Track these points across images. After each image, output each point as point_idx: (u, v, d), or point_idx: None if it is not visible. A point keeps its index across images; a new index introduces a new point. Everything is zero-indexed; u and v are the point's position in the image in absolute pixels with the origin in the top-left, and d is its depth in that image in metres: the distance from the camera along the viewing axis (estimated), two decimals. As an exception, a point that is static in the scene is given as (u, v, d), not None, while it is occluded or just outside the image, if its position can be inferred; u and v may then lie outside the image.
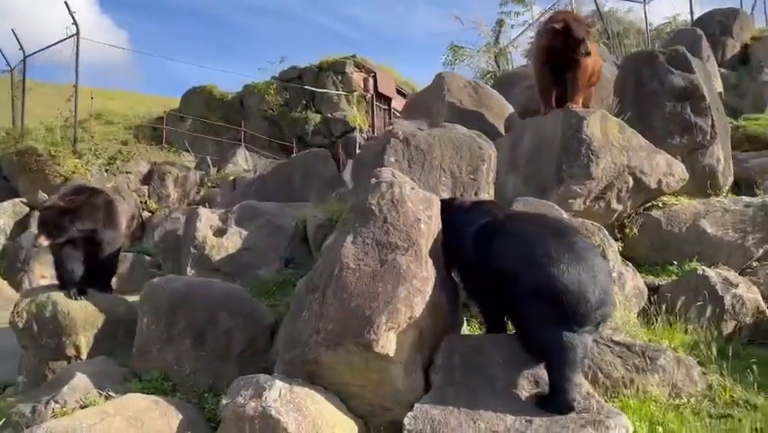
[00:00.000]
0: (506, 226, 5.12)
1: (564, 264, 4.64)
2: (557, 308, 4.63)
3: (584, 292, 4.63)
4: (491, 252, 5.04)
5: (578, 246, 4.79)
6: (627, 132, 7.90)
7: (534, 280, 4.70)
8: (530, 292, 4.71)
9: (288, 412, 4.77)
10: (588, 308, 4.66)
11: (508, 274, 4.86)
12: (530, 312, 4.77)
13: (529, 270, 4.74)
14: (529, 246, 4.84)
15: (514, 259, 4.87)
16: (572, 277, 4.63)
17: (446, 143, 6.86)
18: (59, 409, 5.15)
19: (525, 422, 4.78)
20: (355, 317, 4.95)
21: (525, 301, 4.76)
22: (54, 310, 6.66)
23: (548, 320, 4.68)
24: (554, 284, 4.62)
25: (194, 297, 5.87)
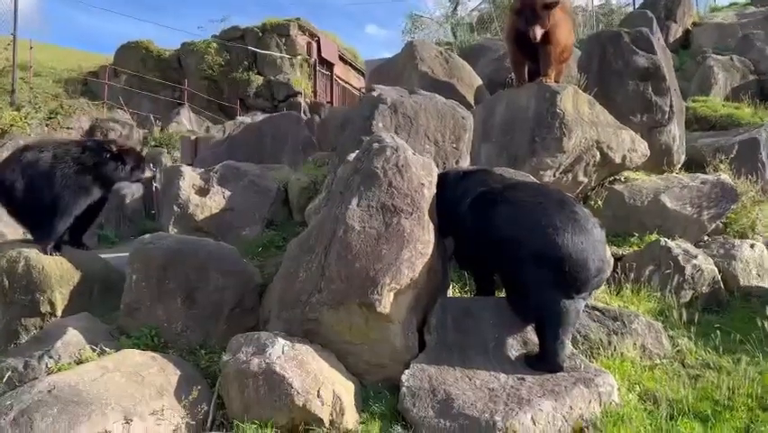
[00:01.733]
0: (507, 195, 5.32)
1: (568, 234, 4.92)
2: (559, 275, 4.92)
3: (585, 261, 4.95)
4: (492, 219, 5.24)
5: (579, 216, 5.06)
6: (596, 108, 8.23)
7: (538, 248, 4.96)
8: (533, 259, 4.96)
9: (291, 369, 4.87)
10: (587, 276, 4.97)
11: (510, 241, 5.09)
12: (531, 278, 5.02)
13: (533, 238, 4.99)
14: (534, 215, 5.09)
15: (517, 227, 5.11)
16: (575, 246, 4.92)
17: (431, 112, 6.98)
18: (53, 365, 5.07)
19: (518, 380, 5.05)
20: (359, 277, 5.08)
21: (526, 268, 5.01)
22: (27, 266, 6.45)
23: (548, 286, 4.96)
24: (558, 252, 4.90)
25: (186, 255, 5.82)
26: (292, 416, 4.79)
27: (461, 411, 4.74)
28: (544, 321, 5.06)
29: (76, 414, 4.43)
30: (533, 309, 5.10)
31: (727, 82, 12.40)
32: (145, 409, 4.70)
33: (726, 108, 11.17)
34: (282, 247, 6.85)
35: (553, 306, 4.97)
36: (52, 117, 15.55)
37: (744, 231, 8.25)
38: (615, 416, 4.80)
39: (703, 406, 5.08)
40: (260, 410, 4.82)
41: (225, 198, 6.95)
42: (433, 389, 4.97)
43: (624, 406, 4.95)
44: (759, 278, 7.70)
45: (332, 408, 4.86)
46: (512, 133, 8.06)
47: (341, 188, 5.56)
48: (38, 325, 6.43)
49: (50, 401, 4.45)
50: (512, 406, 4.73)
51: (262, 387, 4.82)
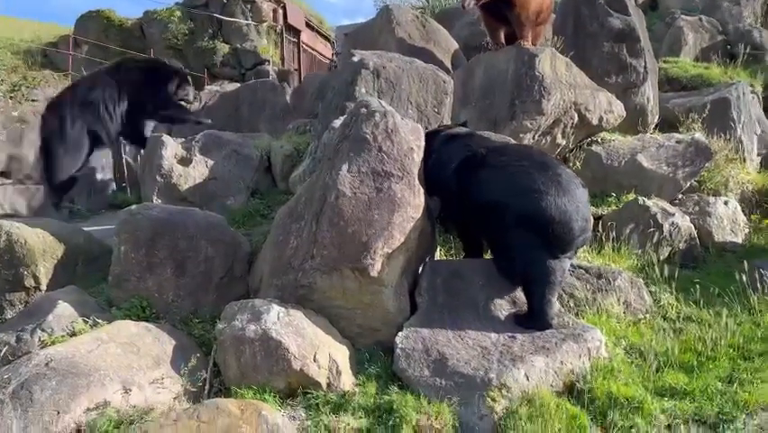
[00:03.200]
0: (491, 159, 5.39)
1: (552, 196, 5.05)
2: (543, 236, 5.07)
3: (569, 222, 5.08)
4: (478, 183, 5.33)
5: (562, 178, 5.16)
6: (573, 70, 8.29)
7: (522, 211, 5.09)
8: (518, 222, 5.09)
9: (287, 334, 4.92)
10: (572, 236, 5.11)
11: (495, 204, 5.20)
12: (516, 240, 5.14)
13: (518, 201, 5.11)
14: (517, 178, 5.21)
15: (502, 190, 5.22)
16: (559, 208, 5.06)
17: (413, 76, 6.99)
18: (47, 338, 5.03)
19: (509, 338, 5.18)
20: (352, 243, 5.12)
21: (512, 230, 5.13)
22: (9, 240, 6.34)
23: (534, 247, 5.10)
24: (542, 214, 5.03)
25: (174, 225, 5.79)
26: (290, 380, 4.85)
27: (455, 370, 4.86)
28: (531, 282, 5.18)
29: (75, 385, 4.43)
30: (520, 271, 5.22)
31: (697, 43, 12.57)
32: (143, 379, 4.72)
33: (696, 69, 11.34)
34: (267, 216, 6.85)
35: (540, 266, 5.10)
36: (16, 89, 15.11)
37: (717, 189, 8.46)
38: (604, 369, 4.97)
39: (687, 357, 5.28)
40: (257, 376, 4.87)
41: (208, 168, 6.90)
42: (426, 349, 5.06)
43: (611, 360, 5.11)
44: (733, 234, 7.94)
45: (328, 371, 4.93)
46: (491, 97, 8.10)
47: (329, 155, 5.56)
48: (23, 299, 6.36)
49: (49, 374, 4.44)
50: (505, 363, 4.86)
51: (259, 353, 4.87)
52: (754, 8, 13.78)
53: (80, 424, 4.37)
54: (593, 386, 4.80)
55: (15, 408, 4.26)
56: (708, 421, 4.66)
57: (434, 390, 4.76)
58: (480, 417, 4.57)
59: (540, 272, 5.15)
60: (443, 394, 4.71)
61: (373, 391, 4.86)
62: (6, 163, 14.19)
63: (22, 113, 14.82)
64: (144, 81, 9.35)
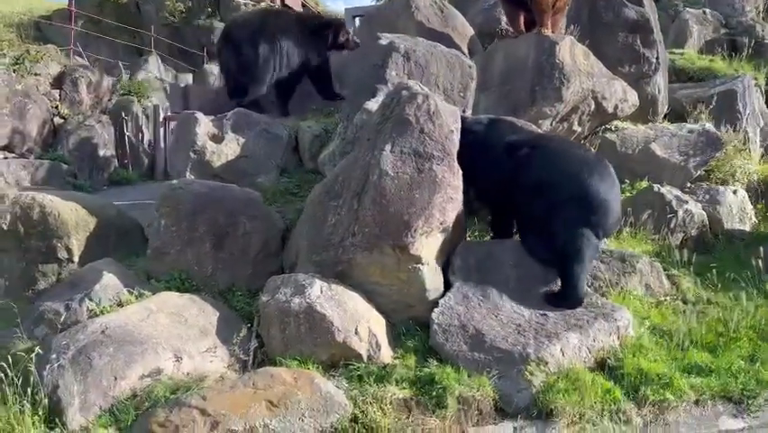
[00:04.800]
0: (542, 143, 5.66)
1: (599, 182, 5.45)
2: (588, 218, 5.40)
3: (613, 207, 5.52)
4: (530, 164, 5.57)
5: (607, 168, 5.57)
6: (591, 58, 8.47)
7: (576, 192, 5.40)
8: (570, 202, 5.37)
9: (331, 307, 5.10)
10: (613, 221, 5.56)
11: (546, 185, 5.47)
12: (562, 219, 5.40)
13: (572, 183, 5.42)
14: (572, 163, 5.57)
15: (554, 172, 5.51)
16: (606, 193, 5.46)
17: (441, 60, 7.14)
18: (95, 307, 5.16)
19: (541, 316, 5.39)
20: (393, 221, 5.28)
21: (559, 210, 5.40)
22: (42, 212, 6.43)
23: (578, 228, 5.40)
24: (591, 198, 5.39)
25: (215, 200, 5.92)
26: (332, 352, 5.04)
27: (493, 345, 5.06)
28: (569, 260, 5.41)
29: (130, 353, 4.59)
30: (560, 249, 5.44)
31: (701, 35, 12.78)
32: (192, 348, 4.89)
33: (702, 61, 11.55)
34: (297, 194, 6.99)
35: (580, 246, 5.36)
36: (19, 63, 14.96)
37: (725, 178, 8.69)
38: (633, 347, 5.20)
39: (709, 338, 5.51)
40: (300, 347, 5.05)
41: (239, 146, 7.00)
42: (463, 325, 5.26)
43: (638, 339, 5.34)
44: (741, 222, 8.18)
45: (368, 344, 5.12)
46: (511, 83, 8.25)
47: (369, 135, 5.70)
48: (55, 271, 6.47)
49: (105, 341, 4.59)
50: (541, 339, 5.06)
51: (303, 325, 5.04)
52: (756, 2, 14.02)
53: (136, 390, 4.54)
54: (624, 362, 5.03)
55: (75, 372, 4.41)
56: (733, 397, 4.92)
57: (472, 363, 4.96)
58: (518, 390, 4.79)
59: (579, 252, 5.43)
60: (481, 368, 4.91)
61: (413, 364, 5.05)
62: (10, 137, 14.10)
63: (25, 86, 14.69)
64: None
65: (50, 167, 14.28)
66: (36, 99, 14.90)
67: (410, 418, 4.51)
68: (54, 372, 4.35)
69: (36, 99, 14.90)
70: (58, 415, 4.27)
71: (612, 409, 4.67)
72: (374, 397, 4.60)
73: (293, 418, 4.26)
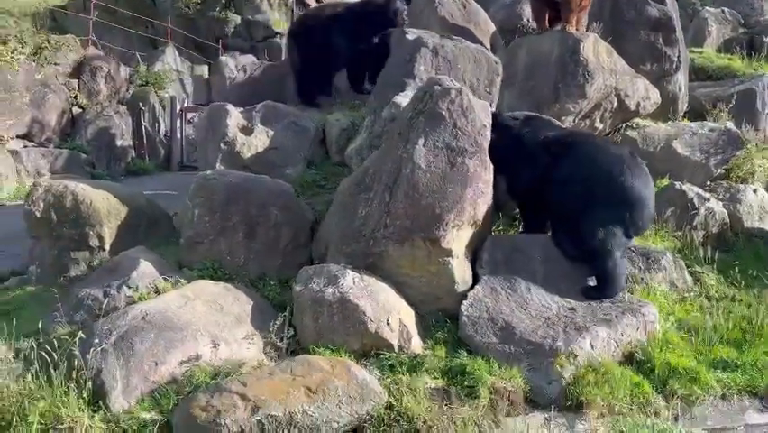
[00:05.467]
0: (577, 140, 5.77)
1: (639, 179, 5.63)
2: (629, 214, 5.58)
3: (648, 204, 5.70)
4: (568, 160, 5.72)
5: (641, 164, 5.71)
6: (614, 56, 8.52)
7: (615, 189, 5.56)
8: (609, 198, 5.54)
9: (363, 298, 5.20)
10: (646, 219, 5.76)
11: (586, 180, 5.62)
12: (604, 214, 5.55)
13: (611, 179, 5.58)
14: (608, 161, 5.69)
15: (596, 168, 5.66)
16: (643, 191, 5.65)
17: (468, 56, 7.21)
18: (133, 294, 5.26)
19: (569, 310, 5.48)
20: (425, 214, 5.36)
21: (601, 205, 5.55)
22: (75, 200, 6.53)
23: (618, 222, 5.58)
24: (629, 194, 5.56)
25: (248, 191, 6.01)
26: (365, 341, 5.13)
27: (523, 337, 5.15)
28: (606, 254, 5.56)
29: (171, 339, 4.70)
30: (597, 243, 5.55)
31: (720, 34, 12.83)
32: (228, 335, 4.98)
33: (720, 60, 11.60)
34: (324, 186, 7.07)
35: (616, 241, 5.56)
36: (38, 53, 15.08)
37: (745, 177, 8.74)
38: (660, 342, 5.28)
39: (734, 334, 5.59)
40: (333, 337, 5.14)
41: (269, 138, 7.08)
42: (492, 318, 5.36)
43: (665, 333, 5.42)
44: (761, 220, 8.23)
45: (399, 334, 5.21)
46: (535, 79, 8.31)
47: (399, 129, 5.77)
48: (87, 258, 6.58)
49: (146, 327, 4.70)
50: (571, 332, 5.15)
51: (336, 315, 5.14)
52: (774, 2, 14.06)
53: (175, 375, 4.63)
54: (652, 357, 5.12)
55: (118, 357, 4.52)
56: (759, 392, 5.01)
57: (502, 355, 5.06)
58: (549, 381, 4.88)
59: (615, 246, 5.59)
60: (512, 360, 5.01)
61: (443, 355, 5.14)
62: (29, 126, 14.22)
63: (44, 76, 14.81)
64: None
65: (69, 156, 14.47)
66: (55, 89, 15.04)
67: (443, 407, 4.60)
68: (98, 356, 4.45)
69: (55, 89, 15.04)
70: (101, 398, 4.37)
71: (641, 402, 4.77)
72: (408, 386, 4.69)
73: (330, 404, 4.35)
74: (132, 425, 4.22)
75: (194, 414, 4.19)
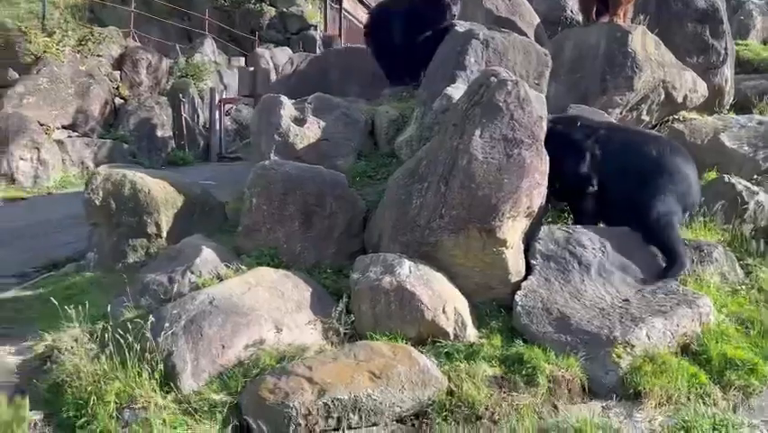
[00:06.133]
0: (621, 129, 5.86)
1: (691, 165, 5.97)
2: (685, 199, 6.04)
3: (696, 185, 6.14)
4: (627, 151, 6.02)
5: (690, 157, 5.76)
6: (662, 48, 8.50)
7: (674, 177, 5.98)
8: (670, 184, 5.94)
9: (420, 286, 5.29)
10: (697, 198, 6.27)
11: (634, 167, 5.90)
12: (665, 200, 5.93)
13: (661, 162, 5.98)
14: (657, 145, 6.09)
15: (654, 158, 6.02)
16: (691, 171, 6.12)
17: (518, 48, 7.25)
18: (197, 280, 5.42)
19: (623, 301, 5.52)
20: (481, 204, 5.43)
21: (663, 191, 5.93)
22: (133, 189, 6.74)
23: (677, 206, 5.99)
24: (681, 174, 5.99)
25: (305, 181, 6.13)
26: (421, 329, 5.22)
27: (579, 328, 5.21)
28: (674, 235, 5.93)
29: (237, 323, 4.84)
30: (662, 227, 5.88)
31: (765, 26, 12.68)
32: (290, 321, 5.12)
33: (766, 52, 11.47)
34: (374, 177, 7.17)
35: (675, 218, 6.00)
36: (83, 44, 15.40)
37: (792, 171, 8.67)
38: (715, 333, 5.29)
39: (789, 327, 5.57)
40: (390, 324, 5.24)
41: (320, 129, 7.20)
42: (546, 308, 5.42)
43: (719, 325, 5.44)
44: (808, 215, 8.16)
45: (455, 323, 5.29)
46: (581, 72, 8.33)
47: (454, 121, 5.84)
48: (144, 245, 6.77)
49: (214, 312, 4.85)
50: (627, 323, 5.19)
51: (394, 302, 5.24)
52: (820, -7, 13.82)
53: (241, 358, 4.77)
54: (708, 348, 5.13)
55: (188, 340, 4.67)
56: (816, 385, 5.00)
57: (558, 345, 5.12)
58: (606, 371, 4.93)
59: (673, 223, 6.00)
60: (568, 349, 5.06)
61: (499, 343, 5.21)
62: (74, 116, 14.57)
63: (88, 67, 15.15)
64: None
65: (112, 146, 14.84)
66: (99, 80, 15.40)
67: (502, 394, 4.68)
68: (168, 339, 4.61)
69: (99, 80, 15.40)
70: (172, 379, 4.52)
71: (699, 392, 4.79)
72: (466, 373, 4.78)
73: (393, 389, 4.45)
74: (202, 406, 4.35)
75: (262, 396, 4.32)
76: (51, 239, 9.01)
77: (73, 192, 12.64)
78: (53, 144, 13.76)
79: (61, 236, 9.06)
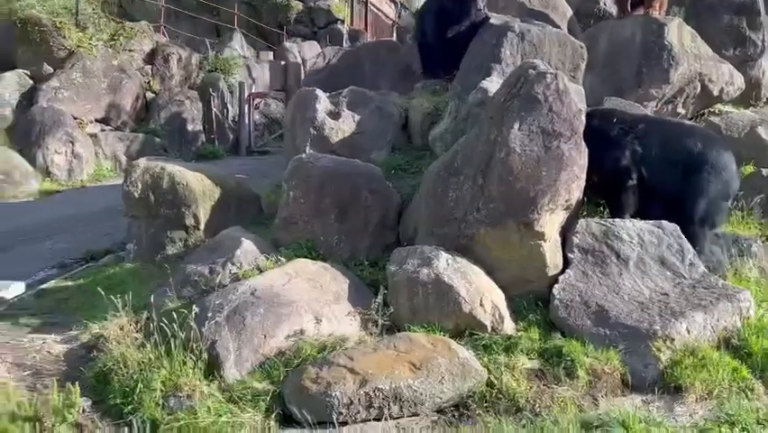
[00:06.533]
0: (660, 122, 5.82)
1: (729, 160, 6.01)
2: (722, 194, 6.06)
3: (737, 182, 6.22)
4: (658, 149, 5.94)
5: (728, 146, 5.80)
6: (698, 40, 8.43)
7: (718, 166, 6.03)
8: (713, 173, 6.00)
9: (457, 279, 5.31)
10: (735, 187, 6.33)
11: (674, 159, 5.94)
12: (709, 188, 6.00)
13: (712, 156, 6.05)
14: (696, 136, 6.09)
15: (682, 145, 6.05)
16: (730, 161, 6.17)
17: (553, 41, 7.22)
18: (238, 271, 5.49)
19: (661, 295, 5.49)
20: (519, 197, 5.43)
21: (706, 179, 6.00)
22: (172, 181, 6.82)
23: (721, 195, 6.11)
24: (727, 169, 6.07)
25: (341, 174, 6.18)
26: (458, 322, 5.24)
27: (618, 321, 5.19)
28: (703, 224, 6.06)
29: (279, 314, 4.90)
30: (702, 221, 5.98)
31: (801, 18, 12.45)
32: (329, 312, 5.16)
33: (804, 44, 11.28)
34: (408, 170, 7.20)
35: (720, 214, 6.17)
36: (115, 39, 15.59)
37: (831, 166, 8.53)
38: (756, 328, 5.24)
39: (831, 322, 5.50)
40: (427, 316, 5.27)
41: (355, 122, 7.25)
42: (585, 301, 5.41)
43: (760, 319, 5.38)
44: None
45: (492, 315, 5.30)
46: (616, 64, 8.27)
47: (491, 113, 5.84)
48: (182, 237, 6.86)
49: (256, 302, 4.91)
50: (666, 317, 5.16)
51: (431, 295, 5.27)
52: None
53: (282, 348, 4.82)
54: (748, 342, 5.09)
55: (231, 330, 4.74)
56: None
57: (597, 338, 5.10)
58: (645, 364, 4.91)
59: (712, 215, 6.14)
60: (608, 343, 5.04)
61: (537, 336, 5.21)
62: (107, 110, 14.75)
63: (120, 62, 15.33)
64: None
65: (144, 140, 14.99)
66: (131, 74, 15.57)
67: (541, 386, 4.69)
68: (212, 328, 4.68)
69: (131, 74, 15.57)
70: (215, 368, 4.59)
71: (741, 386, 4.75)
72: (506, 365, 4.79)
73: (434, 380, 4.47)
74: (245, 394, 4.41)
75: (305, 385, 4.36)
76: (88, 231, 9.16)
77: (107, 185, 12.85)
78: (87, 138, 13.93)
79: (98, 228, 9.20)
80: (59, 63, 14.43)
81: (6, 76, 14.02)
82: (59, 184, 12.93)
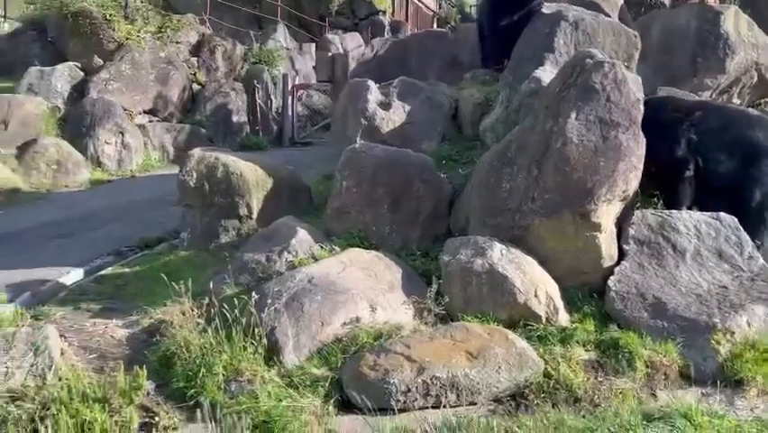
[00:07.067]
0: (720, 109, 5.72)
1: None
2: None
3: None
4: (716, 138, 5.78)
5: None
6: (755, 29, 8.23)
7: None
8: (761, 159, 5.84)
9: (511, 269, 5.30)
10: None
11: (732, 148, 5.86)
12: (760, 189, 5.83)
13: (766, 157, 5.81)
14: (757, 124, 5.96)
15: (742, 134, 5.96)
16: None
17: (607, 30, 7.12)
18: (294, 259, 5.56)
19: (720, 287, 5.40)
20: (576, 188, 5.39)
21: (759, 181, 5.83)
22: (226, 171, 6.93)
23: None
24: None
25: (394, 164, 6.22)
26: (512, 312, 5.24)
27: (676, 313, 5.13)
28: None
29: (335, 301, 4.96)
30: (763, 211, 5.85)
31: None
32: (383, 300, 5.21)
33: None
34: (458, 160, 7.19)
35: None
36: (162, 31, 15.81)
37: None
38: (818, 322, 5.12)
39: None
40: (481, 306, 5.27)
41: (405, 113, 7.27)
42: (641, 293, 5.35)
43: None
44: None
45: (547, 307, 5.29)
46: (670, 54, 8.14)
47: (546, 103, 5.80)
48: (236, 226, 6.97)
49: (313, 290, 4.97)
50: (726, 310, 5.09)
51: (485, 285, 5.27)
52: None
53: (338, 335, 4.88)
54: (811, 337, 4.98)
55: (289, 316, 4.81)
56: None
57: (655, 330, 5.06)
58: (704, 357, 4.85)
59: None
60: (665, 335, 4.99)
61: (592, 328, 5.19)
62: (154, 102, 15.00)
63: (168, 54, 15.56)
64: None
65: (191, 131, 15.18)
66: (177, 66, 15.77)
67: (599, 378, 4.66)
68: (272, 314, 4.76)
69: (177, 66, 15.77)
70: (275, 354, 4.66)
71: (803, 382, 4.67)
72: (562, 356, 4.78)
73: (490, 370, 4.49)
74: (305, 380, 4.48)
75: (363, 372, 4.42)
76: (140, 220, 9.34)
77: (155, 175, 13.09)
78: (136, 129, 14.18)
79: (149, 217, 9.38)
80: (108, 55, 14.70)
81: (58, 68, 14.34)
82: (109, 174, 13.18)
